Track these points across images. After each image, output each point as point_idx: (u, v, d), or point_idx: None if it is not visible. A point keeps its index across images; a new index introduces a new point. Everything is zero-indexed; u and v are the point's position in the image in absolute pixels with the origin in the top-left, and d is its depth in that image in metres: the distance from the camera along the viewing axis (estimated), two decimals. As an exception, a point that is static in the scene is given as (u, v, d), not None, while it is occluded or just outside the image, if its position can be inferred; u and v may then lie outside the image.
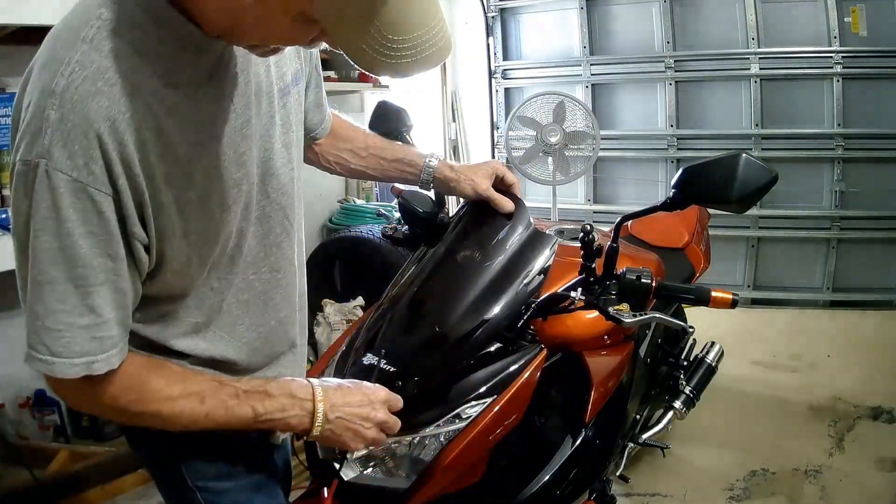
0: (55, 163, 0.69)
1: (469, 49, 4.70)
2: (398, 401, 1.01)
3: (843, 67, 3.78)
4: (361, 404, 0.95)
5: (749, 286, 4.19)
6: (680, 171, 1.18)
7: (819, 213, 4.02)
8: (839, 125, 3.86)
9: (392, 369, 1.13)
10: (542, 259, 1.29)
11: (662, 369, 2.09)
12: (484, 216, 1.37)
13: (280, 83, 0.93)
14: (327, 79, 3.51)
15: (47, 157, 0.69)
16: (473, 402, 1.12)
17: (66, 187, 0.69)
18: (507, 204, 1.30)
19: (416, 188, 1.36)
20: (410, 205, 1.45)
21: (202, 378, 0.87)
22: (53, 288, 0.72)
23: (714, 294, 1.18)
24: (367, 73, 0.72)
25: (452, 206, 4.80)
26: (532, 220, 1.37)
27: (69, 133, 0.68)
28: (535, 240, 1.32)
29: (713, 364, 2.19)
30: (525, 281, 1.24)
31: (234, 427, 0.88)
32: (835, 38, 3.77)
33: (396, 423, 1.00)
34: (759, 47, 3.92)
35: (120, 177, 0.72)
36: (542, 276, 1.27)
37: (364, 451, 1.01)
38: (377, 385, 1.01)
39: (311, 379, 0.95)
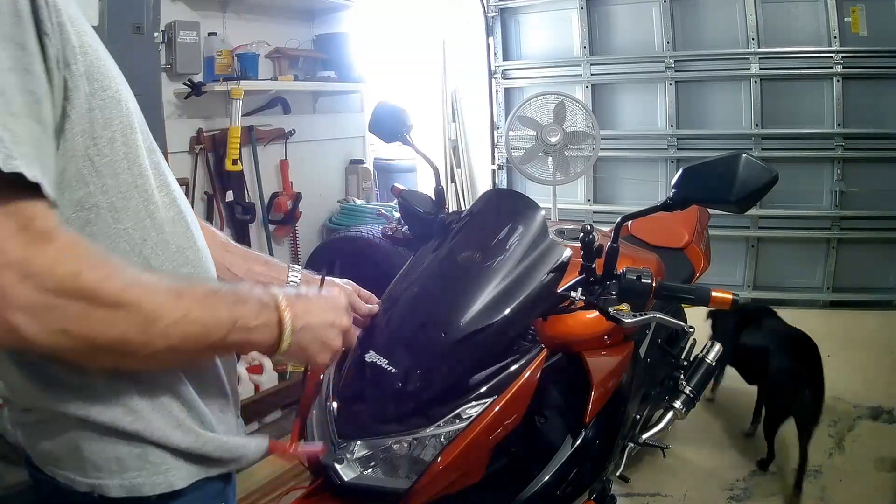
0: None
1: (469, 49, 4.70)
2: (360, 304, 1.08)
3: (843, 67, 3.79)
4: (325, 310, 0.84)
5: (749, 286, 4.19)
6: (680, 172, 1.18)
7: (819, 213, 4.02)
8: (839, 125, 3.86)
9: (392, 369, 1.13)
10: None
11: (663, 369, 2.09)
12: (486, 217, 1.37)
13: None
14: (328, 78, 3.48)
15: None
16: (473, 402, 1.12)
17: None
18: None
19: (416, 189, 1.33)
20: (410, 205, 1.45)
21: (164, 273, 0.73)
22: None
23: (714, 294, 1.18)
24: None
25: (452, 206, 4.79)
26: (548, 229, 1.30)
27: None
28: (546, 248, 1.25)
29: (713, 364, 2.19)
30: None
31: (209, 339, 0.69)
32: (835, 38, 3.77)
33: (355, 334, 0.92)
34: (759, 47, 3.92)
35: None
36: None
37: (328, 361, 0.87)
38: (335, 290, 0.92)
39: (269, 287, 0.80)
